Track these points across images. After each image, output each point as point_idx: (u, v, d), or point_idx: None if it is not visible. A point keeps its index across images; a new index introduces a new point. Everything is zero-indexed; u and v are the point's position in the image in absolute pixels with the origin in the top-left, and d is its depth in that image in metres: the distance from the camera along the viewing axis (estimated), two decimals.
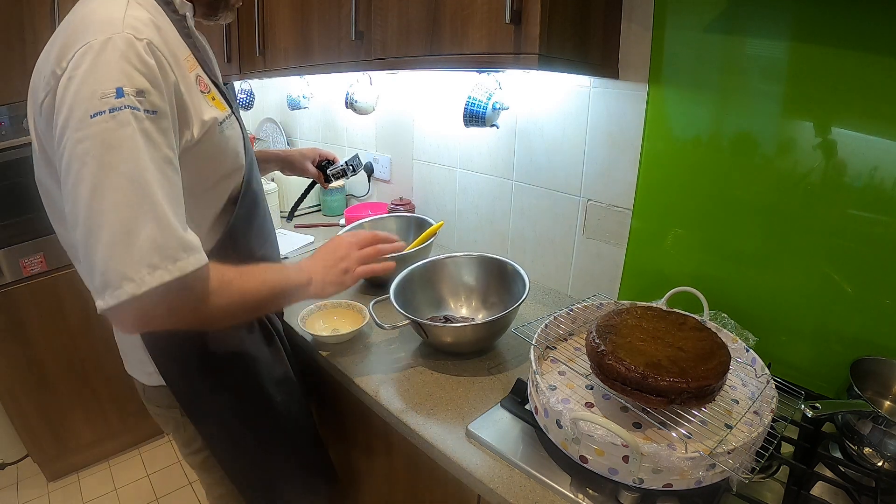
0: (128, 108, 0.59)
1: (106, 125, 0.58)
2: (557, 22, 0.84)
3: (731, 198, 0.96)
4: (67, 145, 0.58)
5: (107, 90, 0.58)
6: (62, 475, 1.95)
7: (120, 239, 0.58)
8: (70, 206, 0.60)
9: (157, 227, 0.60)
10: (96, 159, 0.58)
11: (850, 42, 0.77)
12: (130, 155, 0.59)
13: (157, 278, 0.59)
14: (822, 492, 0.70)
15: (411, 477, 0.98)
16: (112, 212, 0.58)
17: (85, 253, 0.59)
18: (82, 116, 0.58)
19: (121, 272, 0.58)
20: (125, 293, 0.58)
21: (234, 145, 0.80)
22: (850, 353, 0.83)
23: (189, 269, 0.62)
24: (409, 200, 1.67)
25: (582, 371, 0.79)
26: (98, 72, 0.59)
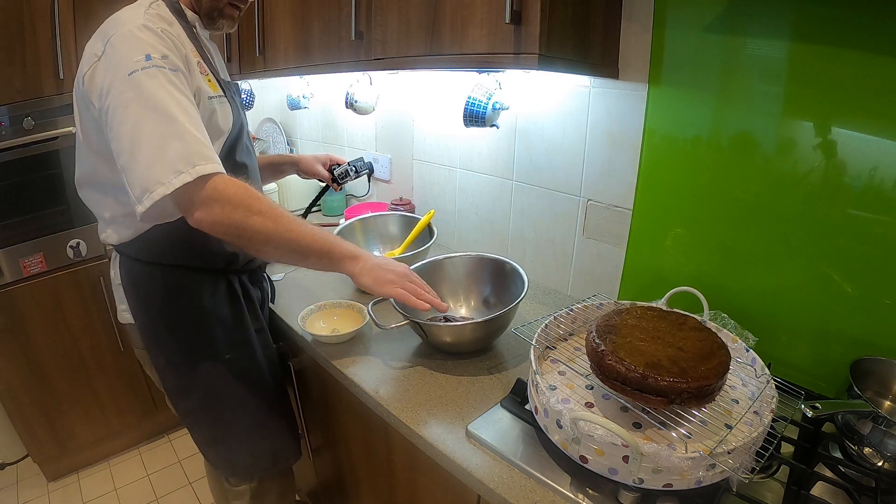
0: (154, 66, 0.78)
1: (140, 78, 0.77)
2: (557, 22, 0.84)
3: (732, 198, 0.96)
4: (112, 98, 0.77)
5: (138, 56, 0.78)
6: (62, 475, 1.94)
7: (155, 155, 0.76)
8: (115, 142, 0.78)
9: (181, 143, 0.77)
10: (135, 102, 0.77)
11: (850, 42, 0.77)
12: (159, 96, 0.77)
13: (181, 179, 0.75)
14: (822, 492, 0.70)
15: (411, 477, 0.98)
16: (148, 137, 0.76)
17: (128, 171, 0.77)
18: (123, 77, 0.77)
19: (155, 178, 0.75)
20: (158, 193, 0.75)
21: (220, 118, 0.95)
22: (850, 353, 0.83)
23: (205, 171, 0.77)
24: (409, 200, 1.67)
25: (582, 371, 0.79)
26: (130, 45, 0.79)
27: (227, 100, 0.97)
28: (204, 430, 1.10)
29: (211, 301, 1.02)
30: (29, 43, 1.55)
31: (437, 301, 0.96)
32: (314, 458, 1.41)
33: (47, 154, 1.64)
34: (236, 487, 1.18)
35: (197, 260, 1.00)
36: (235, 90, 1.07)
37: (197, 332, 1.02)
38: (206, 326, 1.02)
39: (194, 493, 1.87)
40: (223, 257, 1.03)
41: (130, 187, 0.77)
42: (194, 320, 1.01)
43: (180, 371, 1.03)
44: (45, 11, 1.55)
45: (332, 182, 1.43)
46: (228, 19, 0.99)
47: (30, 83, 1.57)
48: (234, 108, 1.00)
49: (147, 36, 0.80)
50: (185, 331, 1.01)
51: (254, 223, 0.81)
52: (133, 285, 0.99)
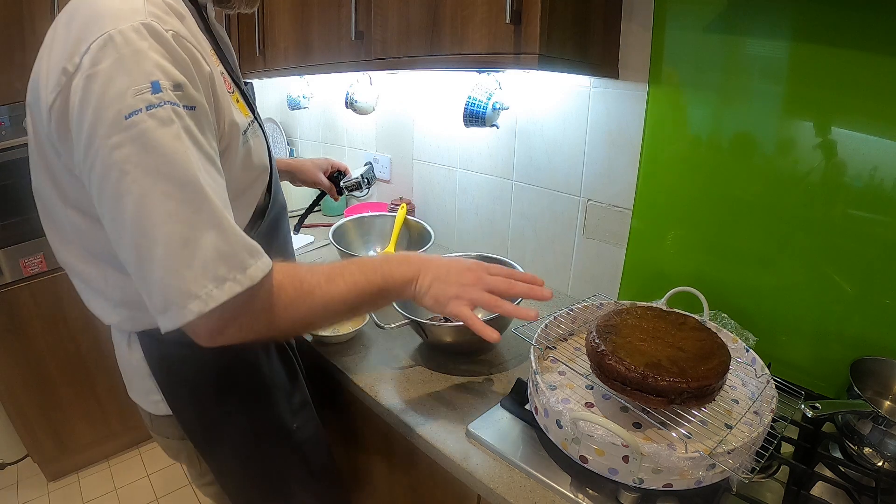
0: (167, 103, 0.52)
1: (145, 125, 0.50)
2: (557, 22, 0.84)
3: (732, 198, 0.96)
4: (100, 153, 0.51)
5: (141, 85, 0.51)
6: (62, 475, 1.94)
7: (178, 252, 0.52)
8: (111, 222, 0.53)
9: (218, 233, 0.54)
10: (139, 166, 0.51)
11: (850, 42, 0.77)
12: (177, 157, 0.52)
13: (227, 291, 0.53)
14: (822, 492, 0.70)
15: (411, 477, 0.98)
16: (165, 223, 0.51)
17: (139, 272, 0.54)
18: (115, 118, 0.50)
19: (184, 290, 0.52)
20: (191, 312, 0.52)
21: (257, 156, 0.72)
22: (850, 353, 0.83)
23: (259, 275, 0.56)
24: (410, 200, 1.67)
25: (582, 371, 0.79)
26: (127, 65, 0.50)
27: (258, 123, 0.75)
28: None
29: (269, 370, 0.84)
30: (29, 43, 1.55)
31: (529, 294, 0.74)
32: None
33: None
34: None
35: None
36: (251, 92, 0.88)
37: (262, 411, 0.84)
38: (269, 403, 0.84)
39: (194, 493, 1.87)
40: None
41: (145, 294, 0.55)
42: (257, 399, 0.83)
43: (248, 463, 0.84)
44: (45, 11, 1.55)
45: (333, 191, 1.33)
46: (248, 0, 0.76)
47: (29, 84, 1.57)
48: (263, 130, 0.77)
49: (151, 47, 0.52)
50: (248, 415, 0.82)
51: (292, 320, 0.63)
52: (173, 375, 0.76)
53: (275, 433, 0.86)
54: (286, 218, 0.87)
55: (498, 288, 0.73)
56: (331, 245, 1.31)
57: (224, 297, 0.53)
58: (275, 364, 0.86)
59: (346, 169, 1.35)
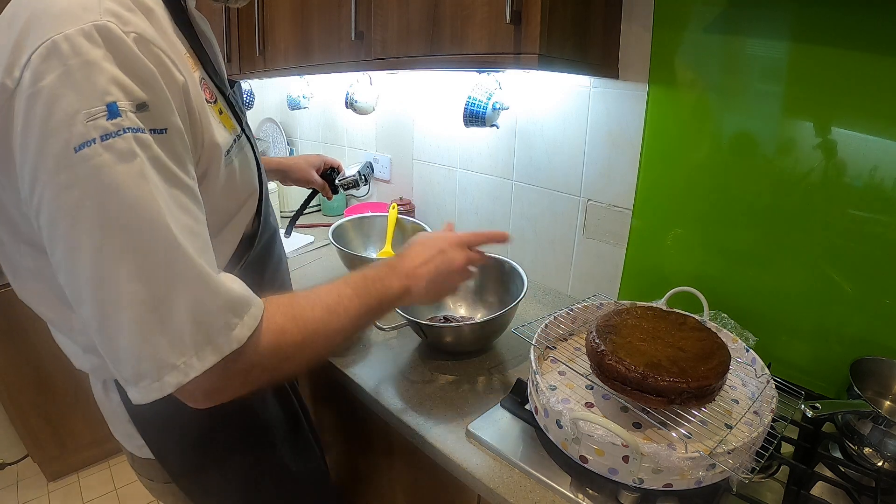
0: (128, 130, 0.42)
1: (99, 160, 0.41)
2: (557, 22, 0.84)
3: (731, 198, 0.96)
4: (46, 194, 0.41)
5: (94, 108, 0.41)
6: (62, 475, 1.95)
7: (148, 317, 0.44)
8: (66, 276, 0.44)
9: (195, 290, 0.45)
10: (94, 212, 0.41)
11: (849, 42, 0.77)
12: (141, 202, 0.43)
13: (206, 360, 0.46)
14: (822, 492, 0.70)
15: (411, 477, 0.98)
16: (130, 282, 0.43)
17: (102, 338, 0.45)
18: (62, 151, 0.40)
19: (157, 359, 0.44)
20: (169, 385, 0.45)
21: (243, 178, 0.63)
22: (850, 353, 0.83)
23: (246, 334, 0.48)
24: (409, 200, 1.68)
25: (582, 371, 0.79)
26: (75, 81, 0.40)
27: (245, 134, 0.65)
28: None
29: (263, 411, 0.77)
30: None
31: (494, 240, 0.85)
32: None
33: None
34: None
35: None
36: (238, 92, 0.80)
37: (255, 452, 0.77)
38: (264, 443, 0.78)
39: None
40: None
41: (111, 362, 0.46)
42: (251, 442, 0.76)
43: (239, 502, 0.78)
44: None
45: (327, 190, 1.26)
46: None
47: None
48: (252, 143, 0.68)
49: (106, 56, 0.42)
50: (241, 457, 0.75)
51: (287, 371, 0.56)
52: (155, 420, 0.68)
53: (273, 479, 0.79)
54: (278, 240, 0.82)
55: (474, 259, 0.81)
56: (331, 245, 1.31)
57: (206, 365, 0.46)
58: (269, 403, 0.80)
59: (340, 166, 1.28)
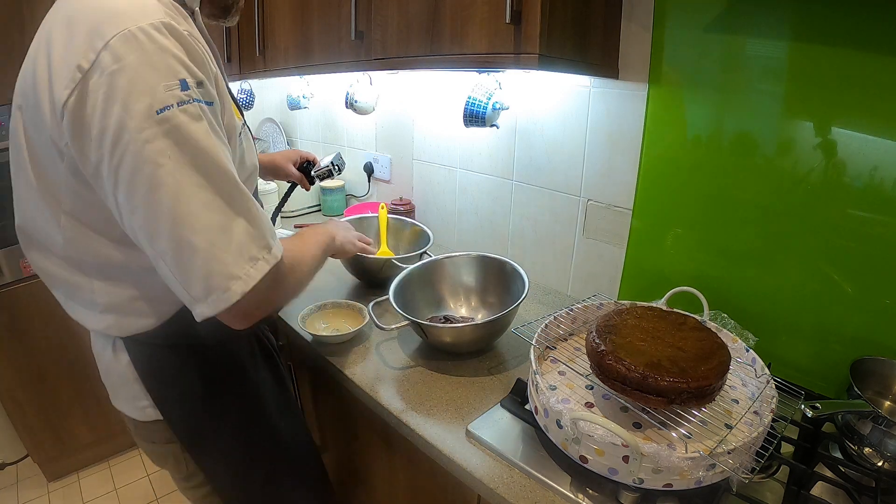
0: (195, 101, 0.55)
1: (178, 120, 0.53)
2: (557, 22, 0.84)
3: (732, 198, 0.96)
4: (131, 147, 0.52)
5: (171, 81, 0.53)
6: (62, 475, 1.95)
7: (218, 239, 0.55)
8: (143, 219, 0.54)
9: (248, 218, 0.58)
10: (173, 159, 0.53)
11: (850, 42, 0.77)
12: (210, 150, 0.55)
13: (260, 270, 0.58)
14: (822, 492, 0.70)
15: (411, 477, 0.98)
16: (202, 212, 0.54)
17: (176, 263, 0.55)
18: (146, 112, 0.51)
19: (226, 273, 0.56)
20: (235, 293, 0.56)
21: (249, 157, 0.77)
22: (850, 353, 0.83)
23: (280, 252, 0.62)
24: (409, 200, 1.67)
25: (582, 371, 0.79)
26: (154, 61, 0.52)
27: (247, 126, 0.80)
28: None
29: (254, 370, 0.87)
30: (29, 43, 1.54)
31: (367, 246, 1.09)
32: None
33: None
34: None
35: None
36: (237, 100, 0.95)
37: (249, 410, 0.86)
38: (255, 403, 0.86)
39: None
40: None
41: (182, 284, 0.57)
42: (243, 398, 0.85)
43: (234, 463, 0.85)
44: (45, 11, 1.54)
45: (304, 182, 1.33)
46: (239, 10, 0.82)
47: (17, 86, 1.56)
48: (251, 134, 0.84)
49: (174, 45, 0.54)
50: (236, 413, 0.84)
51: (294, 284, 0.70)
52: (161, 378, 0.76)
53: (263, 435, 0.88)
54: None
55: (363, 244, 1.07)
56: None
57: (259, 275, 0.58)
58: (260, 367, 0.89)
59: (315, 159, 1.34)
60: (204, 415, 0.80)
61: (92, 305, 0.71)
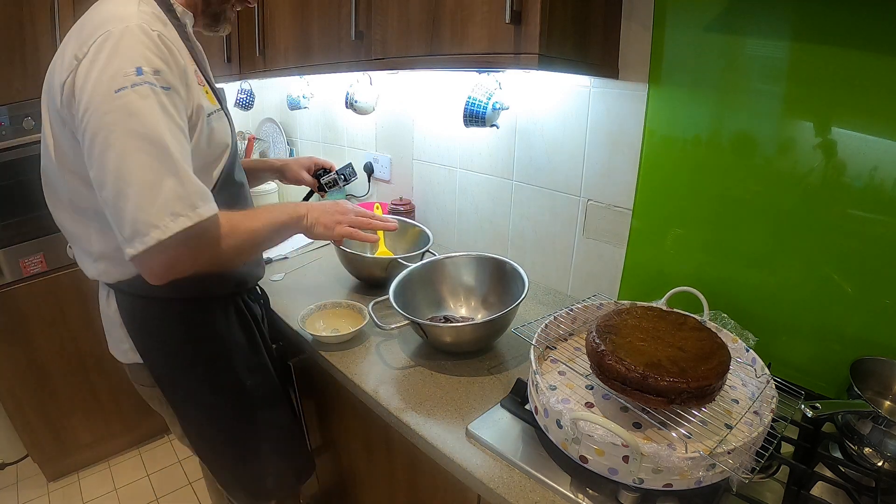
0: (146, 84, 0.68)
1: (128, 98, 0.67)
2: (557, 22, 0.84)
3: (731, 198, 0.96)
4: (93, 118, 0.67)
5: (128, 69, 0.67)
6: (62, 475, 1.94)
7: (147, 193, 0.67)
8: (96, 171, 0.69)
9: (177, 180, 0.69)
10: (121, 127, 0.67)
11: (850, 42, 0.77)
12: (150, 121, 0.68)
13: (180, 224, 0.68)
14: (822, 492, 0.70)
15: (411, 477, 0.98)
16: (138, 170, 0.67)
17: (115, 209, 0.68)
18: (107, 92, 0.66)
19: (148, 221, 0.67)
20: (153, 239, 0.67)
21: (219, 136, 0.87)
22: (850, 353, 0.83)
23: (206, 214, 0.71)
24: (409, 200, 1.67)
25: (582, 371, 0.79)
26: (120, 54, 0.68)
27: (224, 112, 0.90)
28: (227, 460, 1.05)
29: (226, 329, 0.97)
30: (29, 43, 1.55)
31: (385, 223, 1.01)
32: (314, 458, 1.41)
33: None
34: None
35: (209, 288, 0.92)
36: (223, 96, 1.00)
37: (217, 364, 0.97)
38: (224, 356, 0.97)
39: (194, 493, 1.87)
40: (234, 281, 0.98)
41: (117, 226, 0.69)
42: (213, 352, 0.96)
43: (202, 407, 0.98)
44: (45, 11, 1.55)
45: (317, 189, 1.33)
46: (229, 22, 0.95)
47: (30, 83, 1.57)
48: (230, 120, 0.93)
49: (140, 42, 0.69)
50: (204, 364, 0.95)
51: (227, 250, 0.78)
52: (140, 325, 0.90)
53: (230, 388, 0.99)
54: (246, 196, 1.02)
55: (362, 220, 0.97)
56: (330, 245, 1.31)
57: (177, 227, 0.68)
58: (233, 325, 0.99)
59: (332, 166, 1.34)
60: (175, 360, 0.93)
61: (89, 254, 0.86)
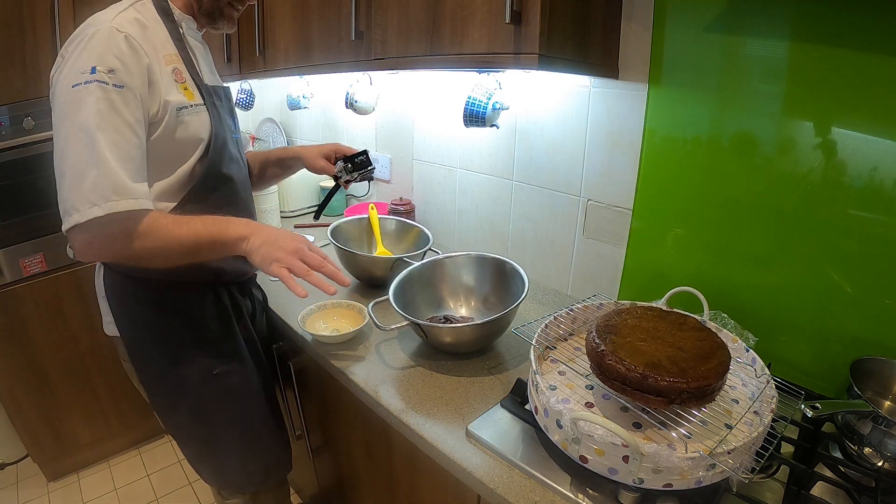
0: (96, 82, 0.76)
1: (79, 94, 0.76)
2: (557, 22, 0.84)
3: (731, 198, 0.96)
4: (55, 107, 0.79)
5: (85, 68, 0.76)
6: (62, 475, 1.94)
7: (76, 178, 0.76)
8: (54, 151, 0.79)
9: (98, 173, 0.76)
10: (68, 118, 0.77)
11: (850, 42, 0.77)
12: (88, 117, 0.76)
13: (94, 212, 0.75)
14: (822, 492, 0.70)
15: (411, 477, 0.98)
16: (72, 157, 0.76)
17: (58, 186, 0.78)
18: (66, 87, 0.77)
19: (72, 204, 0.76)
20: (72, 220, 0.76)
21: (193, 130, 0.90)
22: (850, 353, 0.83)
23: (118, 209, 0.77)
24: (409, 200, 1.67)
25: (582, 371, 0.79)
26: (84, 54, 0.77)
27: (207, 108, 0.93)
28: (193, 445, 1.08)
29: (199, 315, 0.99)
30: (29, 43, 1.55)
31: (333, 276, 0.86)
32: (314, 459, 1.41)
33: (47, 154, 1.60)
34: (228, 500, 1.16)
35: (184, 274, 0.92)
36: (223, 96, 1.01)
37: (183, 346, 0.99)
38: (193, 340, 0.99)
39: (194, 493, 1.87)
40: (210, 270, 0.98)
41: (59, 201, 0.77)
42: (181, 334, 0.98)
43: (167, 386, 1.00)
44: (45, 11, 1.55)
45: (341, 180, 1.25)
46: (228, 20, 0.98)
47: (30, 83, 1.57)
48: (215, 115, 0.94)
49: (103, 43, 0.78)
50: (172, 345, 0.98)
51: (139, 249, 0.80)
52: (117, 299, 0.96)
53: (195, 372, 1.00)
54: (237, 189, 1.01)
55: (312, 262, 0.86)
56: (330, 244, 1.31)
57: (91, 215, 0.75)
58: (207, 311, 1.01)
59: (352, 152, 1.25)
60: (143, 334, 0.97)
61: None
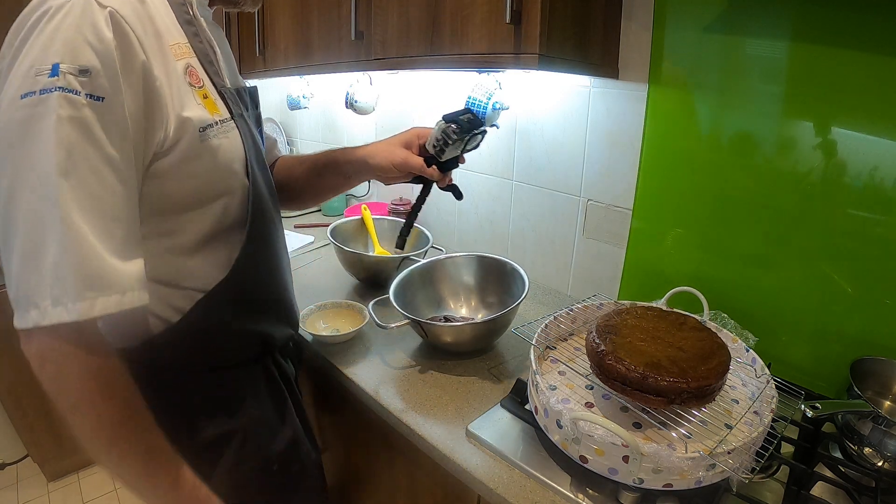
0: (58, 90, 0.47)
1: (30, 111, 0.47)
2: (557, 22, 0.84)
3: (731, 198, 0.96)
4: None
5: (43, 65, 0.47)
6: (62, 475, 1.94)
7: (29, 255, 0.48)
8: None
9: (60, 251, 0.47)
10: (14, 151, 0.47)
11: (850, 42, 0.77)
12: (48, 150, 0.47)
13: (56, 315, 0.48)
14: (822, 492, 0.70)
15: (411, 477, 0.98)
16: (23, 220, 0.48)
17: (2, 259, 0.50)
18: (14, 95, 0.47)
19: (28, 294, 0.48)
20: (30, 320, 0.48)
21: (224, 159, 0.63)
22: (850, 353, 0.83)
23: (93, 313, 0.49)
24: (409, 200, 1.67)
25: (582, 371, 0.79)
26: (42, 42, 0.48)
27: (237, 125, 0.66)
28: None
29: (254, 402, 0.74)
30: None
31: None
32: None
33: None
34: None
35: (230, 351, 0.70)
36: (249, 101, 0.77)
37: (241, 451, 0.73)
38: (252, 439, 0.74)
39: None
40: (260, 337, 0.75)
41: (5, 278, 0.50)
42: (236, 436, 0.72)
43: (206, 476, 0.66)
44: None
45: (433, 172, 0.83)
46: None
47: None
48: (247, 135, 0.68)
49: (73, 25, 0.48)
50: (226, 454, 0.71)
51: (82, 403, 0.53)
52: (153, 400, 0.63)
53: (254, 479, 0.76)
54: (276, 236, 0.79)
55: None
56: (331, 244, 1.31)
57: (54, 319, 0.48)
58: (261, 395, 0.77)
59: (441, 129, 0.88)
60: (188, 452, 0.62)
61: None
